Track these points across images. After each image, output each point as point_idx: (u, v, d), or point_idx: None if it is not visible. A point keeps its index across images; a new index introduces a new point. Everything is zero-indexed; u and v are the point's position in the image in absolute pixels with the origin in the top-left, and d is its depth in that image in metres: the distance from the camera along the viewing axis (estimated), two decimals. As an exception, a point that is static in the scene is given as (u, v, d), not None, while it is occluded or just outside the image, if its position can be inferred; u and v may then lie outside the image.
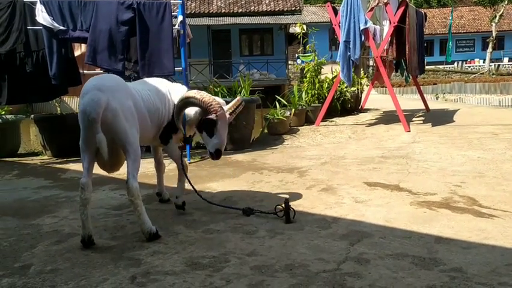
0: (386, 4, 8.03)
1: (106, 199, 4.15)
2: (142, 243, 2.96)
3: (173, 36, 5.87)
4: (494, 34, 32.54)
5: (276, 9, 24.16)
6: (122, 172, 5.26)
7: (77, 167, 5.72)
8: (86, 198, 2.90)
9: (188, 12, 23.15)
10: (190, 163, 5.66)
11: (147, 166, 5.60)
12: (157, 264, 2.62)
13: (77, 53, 6.32)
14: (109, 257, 2.75)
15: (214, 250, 2.81)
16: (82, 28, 5.57)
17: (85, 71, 6.21)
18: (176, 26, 5.91)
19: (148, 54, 5.55)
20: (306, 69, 9.73)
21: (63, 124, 6.75)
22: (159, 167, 3.96)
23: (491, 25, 33.01)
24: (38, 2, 5.52)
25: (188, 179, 3.64)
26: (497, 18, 32.49)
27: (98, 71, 6.23)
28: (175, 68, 5.76)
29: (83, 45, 6.06)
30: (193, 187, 3.64)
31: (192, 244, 2.93)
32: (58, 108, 8.30)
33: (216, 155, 3.35)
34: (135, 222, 3.39)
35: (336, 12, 8.41)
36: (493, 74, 32.43)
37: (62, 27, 5.55)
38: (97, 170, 5.54)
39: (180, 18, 5.87)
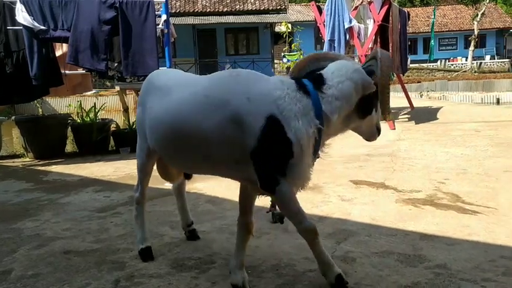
0: (369, 3, 8.08)
1: (89, 201, 4.08)
2: (126, 246, 2.91)
3: (157, 36, 5.81)
4: (476, 32, 32.98)
5: (262, 8, 24.17)
6: (106, 174, 5.21)
7: (60, 169, 5.64)
8: None
9: (173, 11, 23.00)
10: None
11: (132, 167, 5.55)
12: (142, 267, 2.58)
13: (58, 52, 6.23)
14: (92, 261, 2.70)
15: (200, 251, 2.78)
16: (63, 27, 5.49)
17: (66, 71, 6.13)
18: (160, 25, 5.85)
19: (131, 54, 5.49)
20: (291, 68, 9.72)
21: (45, 125, 6.64)
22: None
23: (473, 23, 33.46)
24: (18, 1, 5.42)
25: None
26: (478, 16, 32.93)
27: (80, 71, 6.16)
28: (160, 68, 5.71)
29: (65, 45, 5.97)
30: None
31: (177, 246, 2.90)
32: (40, 109, 8.17)
33: (379, 132, 2.42)
34: (119, 225, 3.36)
35: (320, 11, 8.44)
36: (475, 72, 32.89)
37: (42, 27, 5.46)
38: (80, 170, 5.46)
39: (164, 17, 5.83)
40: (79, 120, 6.98)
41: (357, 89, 2.12)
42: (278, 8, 24.19)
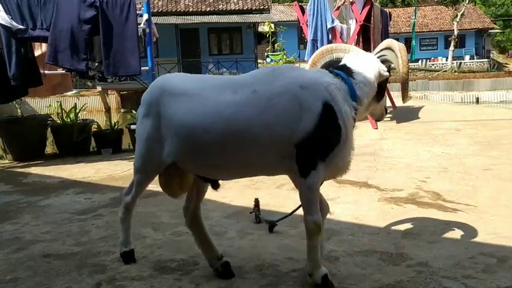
0: (351, 3, 8.14)
1: (70, 203, 4.01)
2: (108, 249, 2.87)
3: (139, 35, 5.75)
4: (456, 33, 33.53)
5: (245, 8, 24.14)
6: (87, 175, 5.14)
7: (39, 170, 5.54)
8: None
9: (155, 10, 22.81)
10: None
11: (114, 168, 5.48)
12: (123, 269, 2.54)
13: (37, 52, 6.12)
14: (72, 264, 2.65)
15: (183, 253, 2.75)
16: (42, 27, 5.39)
17: (45, 71, 6.02)
18: (142, 25, 5.79)
19: (112, 54, 5.42)
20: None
21: (24, 127, 6.51)
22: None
23: (453, 24, 34.01)
24: (-5, 0, 5.30)
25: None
26: (458, 17, 33.49)
27: (60, 71, 6.06)
28: (142, 68, 5.65)
29: (44, 45, 5.86)
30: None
31: (159, 247, 2.87)
32: (19, 110, 8.01)
33: (386, 112, 2.68)
34: (101, 227, 3.31)
35: (303, 11, 8.47)
36: (455, 72, 33.45)
37: (21, 26, 5.35)
38: (60, 172, 5.38)
39: (145, 16, 5.77)
40: (59, 121, 6.87)
41: (377, 76, 2.34)
42: (261, 7, 24.20)
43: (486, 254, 2.55)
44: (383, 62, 2.43)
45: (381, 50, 2.52)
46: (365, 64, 2.34)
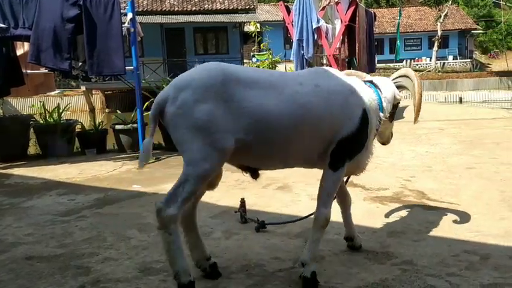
0: (337, 4, 8.18)
1: (53, 205, 3.95)
2: (92, 250, 2.83)
3: (124, 34, 5.69)
4: (439, 33, 33.98)
5: (230, 8, 24.09)
6: (71, 176, 5.07)
7: (22, 171, 5.44)
8: None
9: (140, 9, 22.61)
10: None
11: (98, 169, 5.42)
12: (108, 271, 2.51)
13: (19, 51, 6.01)
14: (55, 266, 2.61)
15: (168, 254, 2.73)
16: (24, 26, 5.29)
17: (28, 71, 5.92)
18: (126, 24, 5.73)
19: (96, 53, 5.34)
20: (261, 67, 9.75)
21: (6, 127, 6.38)
22: (344, 200, 2.79)
23: (437, 25, 34.47)
24: (-24, -2, 5.19)
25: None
26: (442, 18, 33.94)
27: (42, 70, 5.96)
28: (127, 67, 5.59)
29: (26, 44, 5.77)
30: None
31: (145, 249, 2.84)
32: (1, 110, 7.87)
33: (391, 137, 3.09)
34: (84, 229, 3.27)
35: (289, 11, 8.48)
36: (439, 72, 33.90)
37: (2, 25, 5.25)
38: (43, 173, 5.31)
39: (130, 15, 5.71)
40: (42, 121, 6.76)
41: (393, 98, 2.69)
42: (247, 7, 24.18)
43: (469, 252, 2.59)
44: (398, 87, 2.76)
45: (398, 77, 2.83)
46: (386, 85, 2.68)
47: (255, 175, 2.49)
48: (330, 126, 2.32)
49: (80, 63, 5.52)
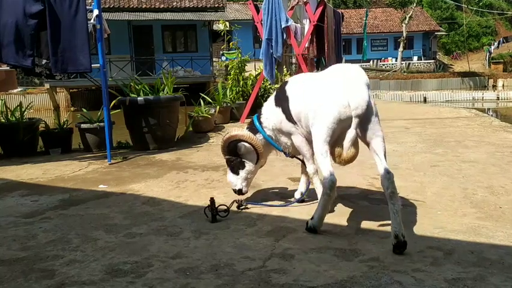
0: (305, 3, 8.26)
1: (15, 206, 3.81)
2: (56, 253, 2.75)
3: (89, 31, 5.54)
4: (404, 34, 34.87)
5: (199, 6, 23.95)
6: (34, 177, 4.91)
7: (-18, 172, 5.23)
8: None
9: (107, 6, 22.19)
10: (110, 164, 5.40)
11: (63, 169, 5.27)
12: (73, 274, 2.45)
13: (-21, 47, 5.76)
14: (18, 270, 2.52)
15: (137, 255, 2.69)
16: (-17, 20, 5.07)
17: (-12, 68, 5.69)
18: (92, 21, 5.59)
19: (60, 50, 5.18)
20: (230, 66, 9.72)
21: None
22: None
23: (402, 26, 35.35)
24: None
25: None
26: (406, 19, 34.84)
27: (4, 67, 5.75)
28: (93, 65, 5.46)
29: (-14, 39, 5.53)
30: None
31: (112, 250, 2.78)
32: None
33: None
34: (49, 231, 3.17)
35: (258, 10, 8.49)
36: (404, 72, 34.78)
37: (-41, 19, 5.02)
38: (5, 173, 5.11)
39: (96, 12, 5.57)
40: (3, 120, 6.52)
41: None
42: (216, 6, 24.09)
43: (434, 248, 2.66)
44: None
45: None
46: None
47: None
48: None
49: (44, 61, 5.34)
